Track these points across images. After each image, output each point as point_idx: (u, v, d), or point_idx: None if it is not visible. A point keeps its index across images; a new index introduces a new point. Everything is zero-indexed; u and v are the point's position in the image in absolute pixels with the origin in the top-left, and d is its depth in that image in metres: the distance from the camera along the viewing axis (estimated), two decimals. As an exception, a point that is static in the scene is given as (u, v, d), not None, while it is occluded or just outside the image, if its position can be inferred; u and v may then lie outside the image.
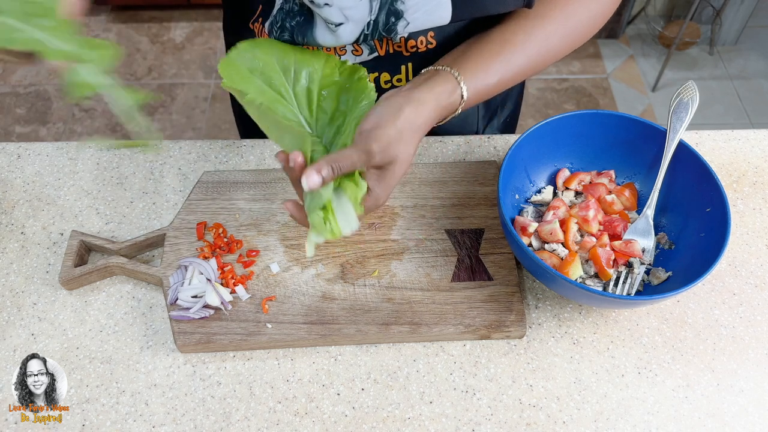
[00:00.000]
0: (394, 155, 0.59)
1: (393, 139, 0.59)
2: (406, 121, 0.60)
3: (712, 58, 2.42)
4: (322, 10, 0.65)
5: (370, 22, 0.67)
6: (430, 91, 0.62)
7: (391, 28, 0.67)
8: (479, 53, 0.66)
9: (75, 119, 2.19)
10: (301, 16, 0.69)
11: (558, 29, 0.68)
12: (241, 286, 0.70)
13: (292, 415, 0.64)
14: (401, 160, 0.60)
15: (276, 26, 0.71)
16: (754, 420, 0.64)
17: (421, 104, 0.61)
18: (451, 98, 0.64)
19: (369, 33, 0.67)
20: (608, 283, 0.70)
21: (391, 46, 0.73)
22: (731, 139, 0.88)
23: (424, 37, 0.72)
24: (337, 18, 0.66)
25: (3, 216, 0.79)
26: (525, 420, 0.64)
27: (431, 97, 0.62)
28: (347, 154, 0.58)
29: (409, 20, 0.66)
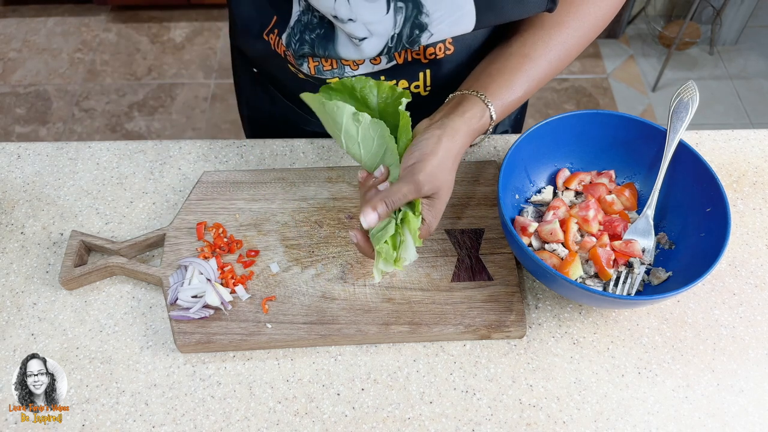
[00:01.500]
0: (440, 185, 0.62)
1: (436, 169, 0.62)
2: (445, 150, 0.62)
3: (712, 58, 2.42)
4: (346, 26, 0.65)
5: (393, 36, 0.66)
6: (461, 117, 0.64)
7: (415, 40, 0.67)
8: (501, 71, 0.68)
9: (75, 119, 2.19)
10: (321, 29, 0.69)
11: (574, 33, 0.70)
12: (241, 286, 0.70)
13: (292, 415, 0.64)
14: (445, 187, 0.64)
15: (294, 38, 0.70)
16: (754, 420, 0.64)
17: (456, 132, 0.64)
18: (482, 121, 0.66)
19: (393, 46, 0.68)
20: (608, 283, 0.70)
21: (409, 54, 0.73)
22: (731, 139, 0.88)
23: (442, 44, 0.72)
24: (362, 33, 0.66)
25: (3, 216, 0.79)
26: (525, 420, 0.64)
27: (463, 123, 0.64)
28: (397, 189, 0.61)
29: (433, 32, 0.66)
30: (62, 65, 2.36)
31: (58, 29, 2.48)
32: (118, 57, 2.39)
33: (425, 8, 0.64)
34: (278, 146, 0.86)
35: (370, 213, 0.60)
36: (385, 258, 0.63)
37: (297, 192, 0.79)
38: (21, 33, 2.47)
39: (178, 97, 2.26)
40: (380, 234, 0.63)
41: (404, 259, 0.64)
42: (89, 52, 2.40)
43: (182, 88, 2.29)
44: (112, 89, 2.28)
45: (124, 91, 2.27)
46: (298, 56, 0.72)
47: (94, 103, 2.24)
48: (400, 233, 0.64)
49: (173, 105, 2.23)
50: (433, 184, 0.62)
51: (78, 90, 2.28)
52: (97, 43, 2.44)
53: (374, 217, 0.60)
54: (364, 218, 0.60)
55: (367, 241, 0.65)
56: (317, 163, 0.84)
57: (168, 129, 2.17)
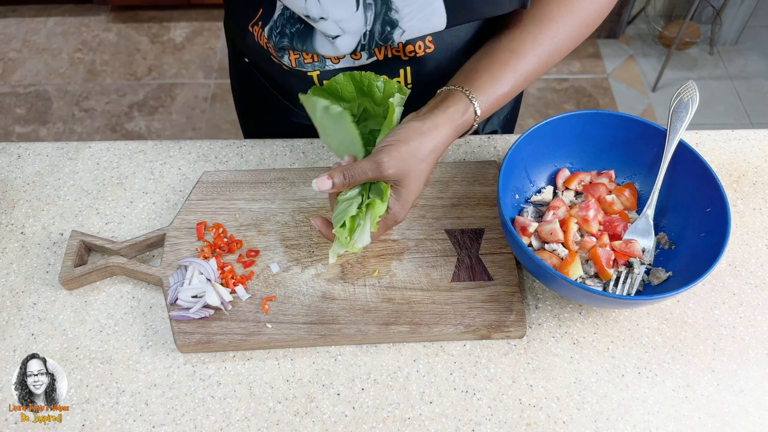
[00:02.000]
0: (406, 171, 0.62)
1: (405, 155, 0.61)
2: (419, 141, 0.62)
3: (712, 58, 2.42)
4: (319, 24, 0.66)
5: (366, 33, 0.67)
6: (444, 112, 0.64)
7: (387, 37, 0.67)
8: (488, 67, 0.67)
9: (75, 119, 2.19)
10: (300, 24, 0.70)
11: (565, 27, 0.69)
12: (241, 286, 0.70)
13: (292, 415, 0.64)
14: (413, 177, 0.63)
15: (276, 31, 0.71)
16: (754, 420, 0.64)
17: (436, 127, 0.63)
18: (465, 117, 0.65)
19: (366, 43, 0.68)
20: (608, 283, 0.70)
21: (389, 50, 0.73)
22: (731, 139, 0.88)
23: (422, 41, 0.73)
24: (334, 31, 0.67)
25: (3, 216, 0.79)
26: (525, 420, 0.64)
27: (446, 119, 0.64)
28: (358, 164, 0.61)
29: (404, 28, 0.67)
30: (62, 65, 2.36)
31: (58, 29, 2.48)
32: (118, 57, 2.39)
33: (394, 4, 0.64)
34: (278, 146, 0.86)
35: (325, 180, 0.62)
36: (340, 240, 0.64)
37: (297, 192, 0.79)
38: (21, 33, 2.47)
39: (178, 97, 2.26)
40: (340, 216, 0.63)
41: (356, 242, 0.64)
42: (89, 52, 2.40)
43: (182, 88, 2.29)
44: (112, 89, 2.28)
45: (124, 91, 2.27)
46: (278, 48, 0.73)
47: (94, 103, 2.24)
48: (360, 217, 0.64)
49: (173, 105, 2.23)
50: (399, 170, 0.61)
51: (78, 90, 2.28)
52: (97, 43, 2.44)
53: (327, 183, 0.61)
54: (316, 181, 0.61)
55: (328, 226, 0.66)
56: (317, 163, 0.84)
57: (168, 129, 2.17)
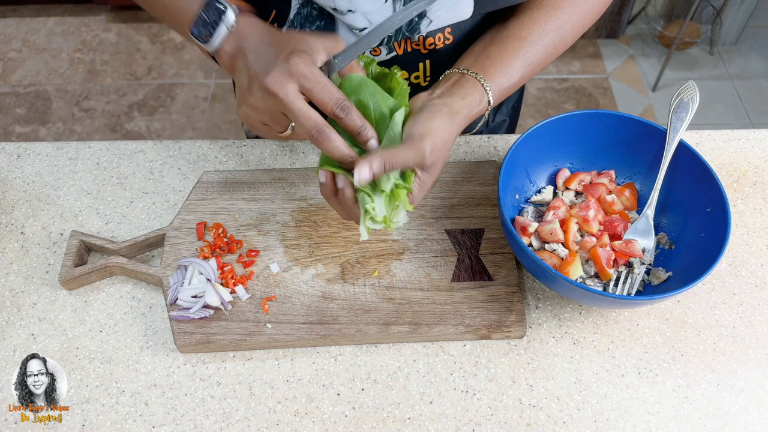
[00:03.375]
0: (437, 159, 0.61)
1: (440, 144, 0.61)
2: (449, 131, 0.62)
3: (712, 58, 2.42)
4: (346, 17, 0.66)
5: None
6: (463, 100, 0.64)
7: (415, 28, 0.67)
8: (499, 54, 0.67)
9: (75, 119, 2.19)
10: (321, 21, 0.69)
11: (569, 18, 0.70)
12: (241, 286, 0.70)
13: (292, 415, 0.64)
14: (439, 165, 0.62)
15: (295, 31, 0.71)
16: (754, 420, 0.64)
17: (456, 114, 0.63)
18: (480, 106, 0.65)
19: (392, 35, 0.68)
20: (608, 283, 0.70)
21: (409, 44, 0.73)
22: (731, 139, 0.88)
23: (441, 33, 0.73)
24: (361, 23, 0.66)
25: (3, 216, 0.79)
26: (525, 420, 0.64)
27: (464, 107, 0.64)
28: (401, 154, 0.58)
29: (432, 18, 0.66)
30: (62, 65, 2.36)
31: (58, 29, 2.48)
32: (118, 57, 2.38)
33: None
34: (278, 146, 0.86)
35: (365, 169, 0.56)
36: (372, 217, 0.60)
37: (297, 192, 0.79)
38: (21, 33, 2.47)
39: (178, 97, 2.26)
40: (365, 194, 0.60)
41: (397, 221, 0.62)
42: (89, 52, 2.40)
43: (182, 88, 2.29)
44: (112, 89, 2.28)
45: (124, 91, 2.27)
46: None
47: (94, 103, 2.24)
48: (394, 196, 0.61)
49: (173, 105, 2.23)
50: (433, 158, 0.60)
51: (78, 90, 2.28)
52: (97, 43, 2.44)
53: (368, 173, 0.57)
54: (358, 172, 0.56)
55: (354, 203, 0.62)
56: (317, 163, 0.84)
57: (168, 129, 2.17)
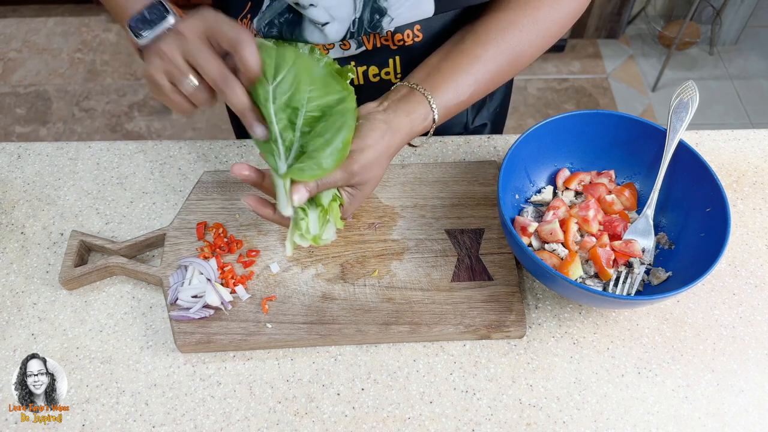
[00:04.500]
0: (369, 177, 0.63)
1: (372, 162, 0.62)
2: (384, 147, 0.63)
3: (712, 58, 2.42)
4: (308, 11, 0.67)
5: (355, 20, 0.68)
6: (408, 116, 0.65)
7: (376, 25, 0.68)
8: (452, 71, 0.68)
9: (75, 119, 2.19)
10: (289, 14, 0.70)
11: (527, 36, 0.69)
12: (241, 286, 0.70)
13: (292, 415, 0.64)
14: (372, 182, 0.64)
15: (264, 23, 0.72)
16: (754, 420, 0.64)
17: (397, 131, 0.64)
18: (425, 123, 0.67)
19: (355, 30, 0.69)
20: (608, 283, 0.70)
21: (378, 40, 0.74)
22: (731, 139, 0.88)
23: (410, 30, 0.73)
24: (323, 17, 0.67)
25: (3, 216, 0.79)
26: (525, 420, 0.64)
27: (407, 123, 0.65)
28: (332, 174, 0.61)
29: (393, 16, 0.67)
30: (62, 65, 2.36)
31: (58, 29, 2.48)
32: (118, 57, 2.38)
33: None
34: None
35: (304, 191, 0.60)
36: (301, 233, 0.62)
37: (297, 192, 0.79)
38: (21, 33, 2.47)
39: (178, 97, 2.26)
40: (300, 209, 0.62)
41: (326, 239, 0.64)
42: (89, 52, 2.40)
43: (182, 88, 2.28)
44: (112, 89, 2.28)
45: (124, 91, 2.27)
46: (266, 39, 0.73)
47: (94, 103, 2.24)
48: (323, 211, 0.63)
49: (173, 105, 2.23)
50: (364, 176, 0.62)
51: (78, 90, 2.28)
52: (97, 43, 2.44)
53: (305, 193, 0.60)
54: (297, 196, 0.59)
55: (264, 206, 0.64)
56: (317, 163, 0.84)
57: (168, 129, 2.17)
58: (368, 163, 0.62)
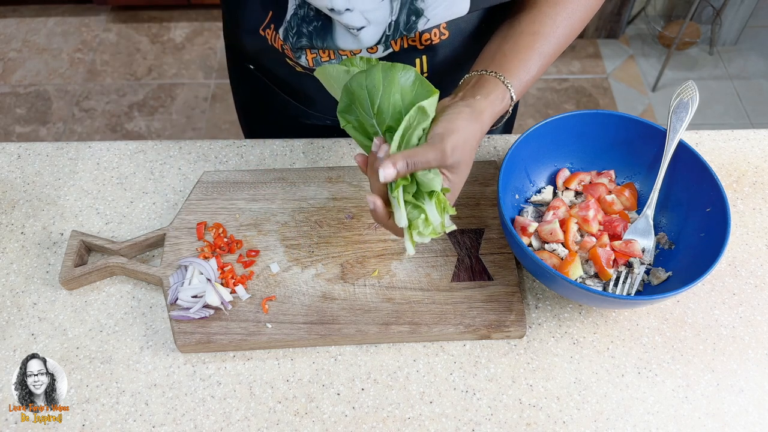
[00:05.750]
0: (461, 159, 0.61)
1: (462, 143, 0.61)
2: (472, 129, 0.62)
3: (712, 58, 2.42)
4: (343, 17, 0.65)
5: (391, 23, 0.67)
6: (486, 98, 0.64)
7: (412, 27, 0.67)
8: (515, 50, 0.67)
9: (75, 119, 2.19)
10: (318, 21, 0.69)
11: (577, 8, 0.70)
12: (241, 286, 0.70)
13: (292, 415, 0.64)
14: (465, 165, 0.62)
15: (291, 32, 0.71)
16: (754, 420, 0.64)
17: (481, 113, 0.63)
18: (503, 103, 0.65)
19: (390, 33, 0.68)
20: (608, 283, 0.70)
21: (405, 41, 0.73)
22: (731, 139, 0.88)
23: (437, 29, 0.73)
24: (359, 22, 0.66)
25: (3, 216, 0.79)
26: (525, 420, 0.64)
27: (488, 105, 0.64)
28: (423, 152, 0.59)
29: (429, 17, 0.67)
30: (62, 65, 2.36)
31: (58, 29, 2.48)
32: (118, 57, 2.38)
33: None
34: (278, 146, 0.86)
35: (390, 167, 0.57)
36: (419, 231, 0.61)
37: (297, 192, 0.79)
38: (21, 33, 2.47)
39: (178, 97, 2.26)
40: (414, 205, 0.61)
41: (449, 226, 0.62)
42: (89, 52, 2.40)
43: (182, 88, 2.29)
44: (112, 89, 2.28)
45: (124, 91, 2.27)
46: (295, 49, 0.73)
47: (94, 103, 2.24)
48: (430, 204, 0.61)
49: (173, 105, 2.23)
50: (456, 157, 0.60)
51: (78, 90, 2.28)
52: (97, 43, 2.44)
53: (392, 171, 0.57)
54: (383, 171, 0.56)
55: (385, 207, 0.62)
56: (317, 163, 0.84)
57: (168, 129, 2.17)
58: (458, 144, 0.60)
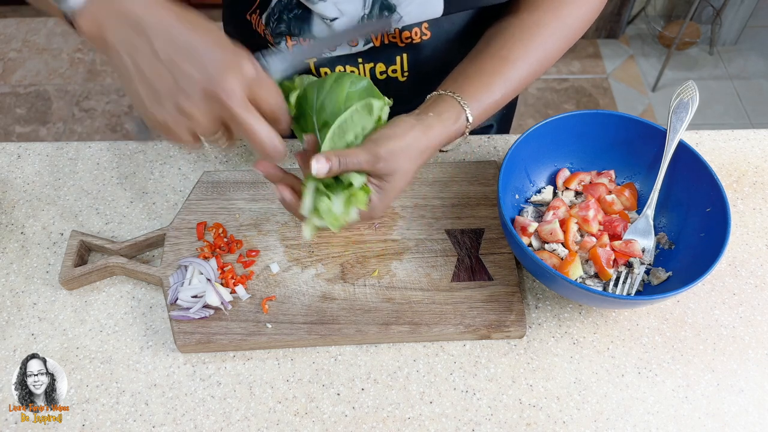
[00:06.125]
0: (396, 167, 0.60)
1: (398, 151, 0.60)
2: (414, 138, 0.61)
3: (712, 58, 2.42)
4: (317, 6, 0.67)
5: (363, 17, 0.68)
6: (438, 117, 0.63)
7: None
8: (479, 73, 0.67)
9: (75, 119, 2.19)
10: (298, 9, 0.70)
11: (554, 34, 0.69)
12: (241, 286, 0.70)
13: (292, 415, 0.64)
14: (401, 174, 0.61)
15: (273, 18, 0.72)
16: (754, 420, 0.64)
17: (429, 128, 0.62)
18: (457, 124, 0.65)
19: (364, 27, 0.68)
20: (608, 283, 0.70)
21: (386, 37, 0.74)
22: (731, 139, 0.88)
23: (418, 28, 0.73)
24: (332, 13, 0.67)
25: (3, 216, 0.79)
26: (525, 420, 0.64)
27: (439, 123, 0.63)
28: (354, 153, 0.59)
29: (402, 14, 0.67)
30: (62, 65, 2.36)
31: (58, 29, 2.48)
32: (118, 57, 2.38)
33: None
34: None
35: (323, 161, 0.56)
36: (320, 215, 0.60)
37: (297, 192, 0.79)
38: (21, 33, 2.47)
39: (178, 97, 2.26)
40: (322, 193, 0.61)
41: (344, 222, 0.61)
42: (89, 52, 2.40)
43: (182, 88, 2.29)
44: (112, 89, 2.28)
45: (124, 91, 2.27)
46: (275, 34, 0.74)
47: (94, 103, 2.24)
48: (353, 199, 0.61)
49: (173, 105, 2.23)
50: (390, 165, 0.59)
51: (78, 90, 2.28)
52: (97, 43, 2.43)
53: (325, 167, 0.56)
54: (316, 164, 0.56)
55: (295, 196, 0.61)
56: (317, 163, 0.84)
57: (168, 129, 2.16)
58: (395, 150, 0.59)
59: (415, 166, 0.62)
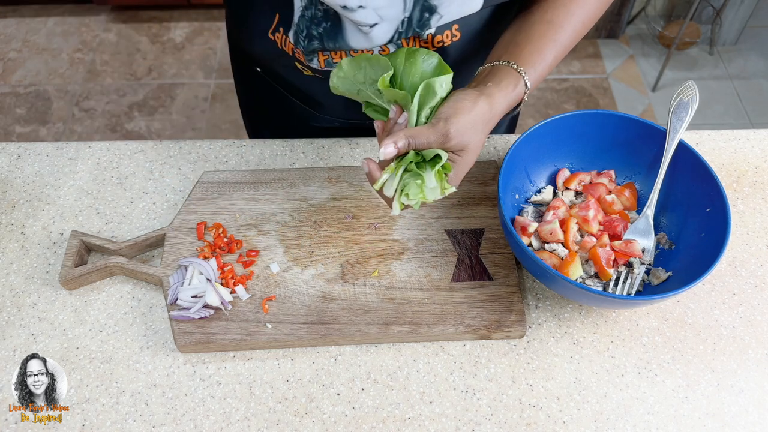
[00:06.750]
0: (467, 142, 0.61)
1: (468, 127, 0.61)
2: (480, 112, 0.62)
3: (712, 58, 2.42)
4: (356, 14, 0.65)
5: (404, 20, 0.66)
6: (497, 86, 0.64)
7: (425, 24, 0.67)
8: (528, 39, 0.67)
9: (75, 119, 2.19)
10: (327, 22, 0.69)
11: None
12: (241, 286, 0.70)
13: (292, 415, 0.64)
14: (472, 148, 0.62)
15: (302, 35, 0.70)
16: (754, 420, 0.64)
17: (491, 98, 0.63)
18: (516, 90, 0.65)
19: (403, 31, 0.67)
20: (608, 283, 0.70)
21: (417, 42, 0.73)
22: (731, 139, 0.88)
23: (449, 30, 0.72)
24: (372, 19, 0.66)
25: (3, 216, 0.79)
26: (525, 420, 0.64)
27: (499, 91, 0.64)
28: (425, 133, 0.59)
29: (442, 14, 0.66)
30: (62, 65, 2.36)
31: (58, 29, 2.48)
32: (118, 57, 2.38)
33: None
34: (278, 146, 0.86)
35: (390, 145, 0.58)
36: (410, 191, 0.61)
37: (297, 192, 0.79)
38: (21, 33, 2.47)
39: (178, 97, 2.26)
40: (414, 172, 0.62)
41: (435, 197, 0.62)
42: (89, 52, 2.40)
43: (182, 88, 2.29)
44: (112, 89, 2.28)
45: (124, 91, 2.27)
46: (307, 52, 0.72)
47: (94, 103, 2.24)
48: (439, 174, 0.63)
49: (173, 105, 2.23)
50: (460, 141, 0.60)
51: (78, 90, 2.28)
52: (97, 43, 2.44)
53: (392, 149, 0.58)
54: (384, 149, 0.58)
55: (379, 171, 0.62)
56: (317, 163, 0.84)
57: (168, 129, 2.17)
58: (463, 127, 0.60)
59: (483, 137, 0.63)
